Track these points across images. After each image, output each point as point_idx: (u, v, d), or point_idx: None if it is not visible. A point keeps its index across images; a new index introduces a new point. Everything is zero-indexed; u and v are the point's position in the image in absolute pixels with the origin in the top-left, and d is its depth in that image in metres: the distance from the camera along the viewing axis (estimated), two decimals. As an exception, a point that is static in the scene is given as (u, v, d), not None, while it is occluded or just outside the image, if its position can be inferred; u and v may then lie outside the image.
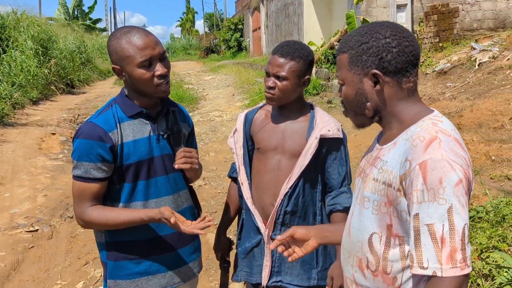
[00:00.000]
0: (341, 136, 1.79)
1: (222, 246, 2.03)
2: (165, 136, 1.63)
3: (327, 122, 1.79)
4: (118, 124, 1.54)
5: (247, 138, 1.92)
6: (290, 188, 1.77)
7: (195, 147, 1.84)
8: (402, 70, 1.11)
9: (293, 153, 1.79)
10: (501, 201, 3.31)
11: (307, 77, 1.80)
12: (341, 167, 1.81)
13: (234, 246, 2.08)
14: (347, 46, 1.16)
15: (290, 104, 1.82)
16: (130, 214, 1.52)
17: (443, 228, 0.94)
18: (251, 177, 1.90)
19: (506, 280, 2.36)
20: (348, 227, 1.24)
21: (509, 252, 2.67)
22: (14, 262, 3.57)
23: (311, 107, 1.88)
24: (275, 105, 1.83)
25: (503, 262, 2.50)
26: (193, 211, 1.77)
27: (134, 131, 1.56)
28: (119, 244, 1.60)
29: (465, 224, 0.95)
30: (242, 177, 1.89)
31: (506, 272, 2.42)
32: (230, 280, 2.08)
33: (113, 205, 1.58)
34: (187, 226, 1.48)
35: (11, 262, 3.56)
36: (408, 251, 1.05)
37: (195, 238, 1.77)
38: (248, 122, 1.93)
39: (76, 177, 1.52)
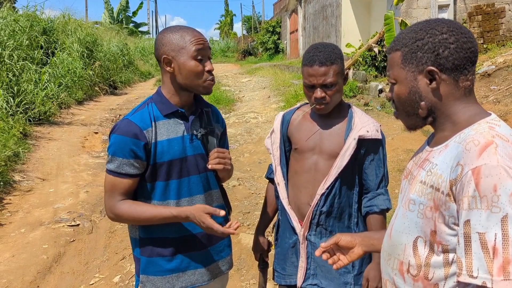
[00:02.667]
0: (380, 137, 1.77)
1: (260, 247, 2.03)
2: (198, 136, 1.67)
3: (365, 123, 1.77)
4: (153, 122, 1.59)
5: (284, 139, 1.92)
6: (327, 188, 1.76)
7: (227, 148, 1.87)
8: (459, 67, 1.05)
9: (331, 153, 1.77)
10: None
11: (346, 72, 1.80)
12: (379, 169, 1.78)
13: (272, 248, 2.07)
14: (400, 43, 1.11)
15: None
16: (161, 210, 1.56)
17: (495, 238, 0.89)
18: (287, 178, 1.90)
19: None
20: (390, 229, 1.20)
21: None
22: (56, 255, 3.75)
23: (348, 106, 1.87)
24: (326, 112, 1.80)
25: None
26: (224, 210, 1.80)
27: (169, 130, 1.61)
28: (152, 241, 1.64)
29: None
30: (279, 177, 1.90)
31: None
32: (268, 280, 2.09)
33: (146, 202, 1.62)
34: (218, 228, 1.51)
35: (53, 254, 3.75)
36: (453, 258, 1.02)
37: (225, 236, 1.81)
38: (285, 123, 1.92)
39: (109, 171, 1.58)
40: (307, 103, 1.92)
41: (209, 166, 1.62)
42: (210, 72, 1.59)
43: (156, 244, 1.64)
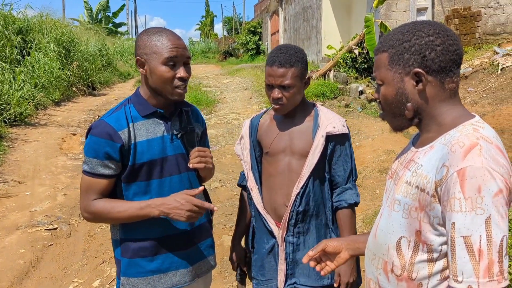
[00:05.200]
0: (346, 131, 1.81)
1: (238, 257, 2.02)
2: (178, 135, 1.66)
3: (331, 119, 1.81)
4: (131, 124, 1.57)
5: (254, 144, 1.94)
6: (301, 188, 1.78)
7: (208, 147, 1.86)
8: (445, 69, 1.07)
9: (302, 153, 1.80)
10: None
11: (307, 77, 1.82)
12: (346, 164, 1.82)
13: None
14: (387, 45, 1.12)
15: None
16: (133, 204, 1.55)
17: (480, 240, 0.90)
18: (261, 182, 1.91)
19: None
20: (375, 229, 1.21)
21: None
22: (33, 260, 3.65)
23: (313, 105, 1.90)
24: (283, 113, 1.83)
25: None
26: (206, 210, 1.78)
27: (148, 131, 1.59)
28: (133, 242, 1.62)
29: (503, 236, 0.91)
30: (251, 183, 1.91)
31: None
32: None
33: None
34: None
35: (30, 259, 3.64)
36: (436, 257, 1.04)
37: (208, 236, 1.79)
38: (254, 128, 1.94)
39: (84, 172, 1.57)
40: None
41: (190, 165, 1.60)
42: (181, 79, 1.55)
43: (137, 245, 1.61)
